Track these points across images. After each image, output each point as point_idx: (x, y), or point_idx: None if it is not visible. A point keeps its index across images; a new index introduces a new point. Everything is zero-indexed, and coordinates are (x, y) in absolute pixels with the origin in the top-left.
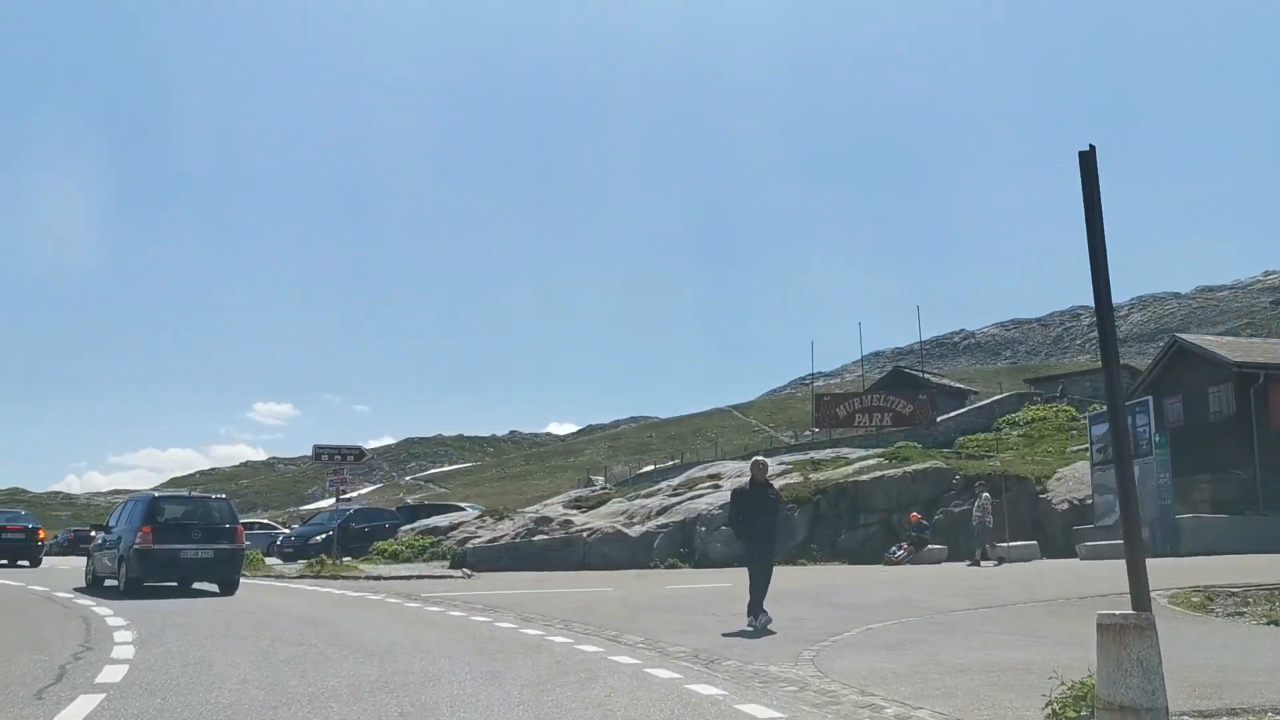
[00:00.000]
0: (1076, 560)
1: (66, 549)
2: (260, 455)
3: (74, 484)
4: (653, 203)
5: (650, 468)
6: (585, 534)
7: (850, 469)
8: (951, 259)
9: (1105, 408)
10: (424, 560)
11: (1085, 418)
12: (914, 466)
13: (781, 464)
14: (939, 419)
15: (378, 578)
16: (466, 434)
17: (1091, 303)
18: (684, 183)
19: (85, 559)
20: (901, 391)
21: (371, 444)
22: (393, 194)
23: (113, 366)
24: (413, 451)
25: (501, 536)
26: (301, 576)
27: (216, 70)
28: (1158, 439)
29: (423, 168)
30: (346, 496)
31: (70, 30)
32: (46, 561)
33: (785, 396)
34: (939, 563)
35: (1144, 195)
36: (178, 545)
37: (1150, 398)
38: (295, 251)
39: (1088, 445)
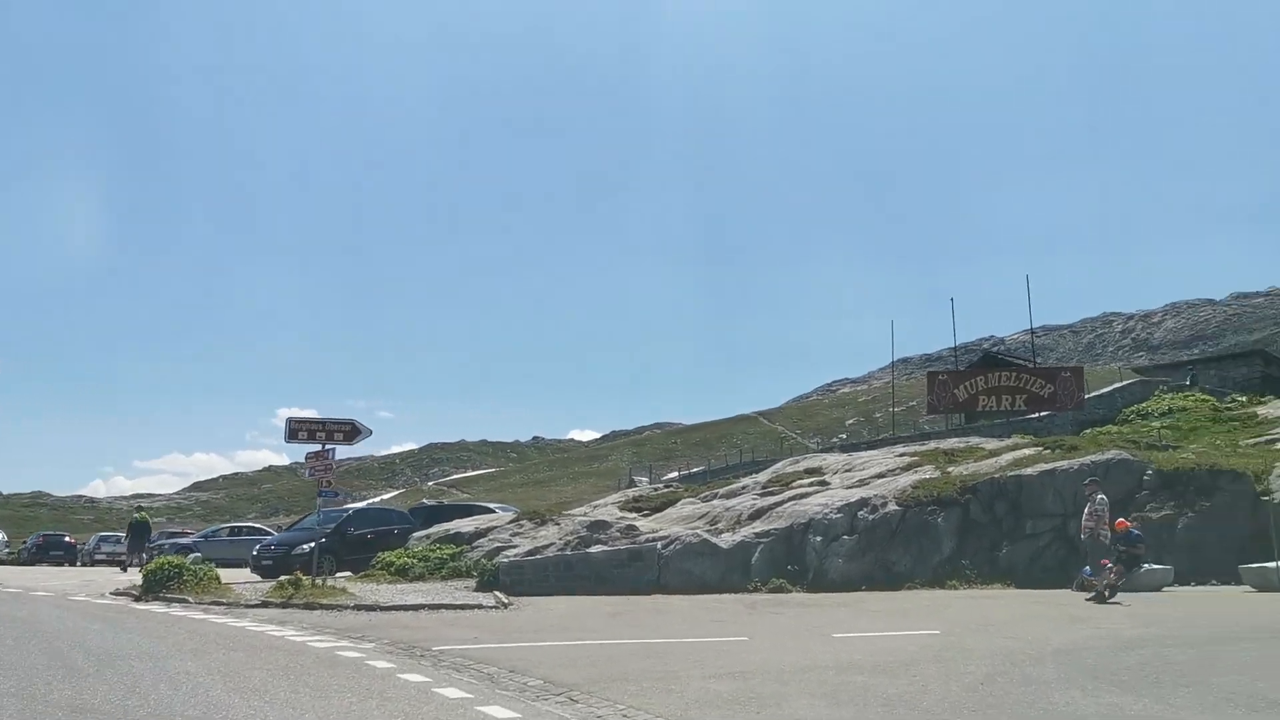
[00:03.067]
0: None
1: (36, 556)
2: (284, 460)
3: (100, 488)
4: (673, 207)
5: (675, 474)
6: (660, 544)
7: (1003, 460)
8: (973, 264)
9: None
10: (441, 577)
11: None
12: (1092, 457)
13: (902, 454)
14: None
15: (372, 607)
16: (490, 439)
17: (1125, 309)
18: (702, 187)
19: None
20: (1038, 369)
21: (394, 449)
22: (410, 197)
23: (139, 372)
24: (435, 457)
25: (546, 547)
26: (265, 604)
27: (213, 66)
28: None
29: (440, 169)
30: (330, 491)
31: (77, 29)
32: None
33: (812, 402)
34: (1159, 589)
35: (1179, 200)
36: None
37: None
38: (316, 255)
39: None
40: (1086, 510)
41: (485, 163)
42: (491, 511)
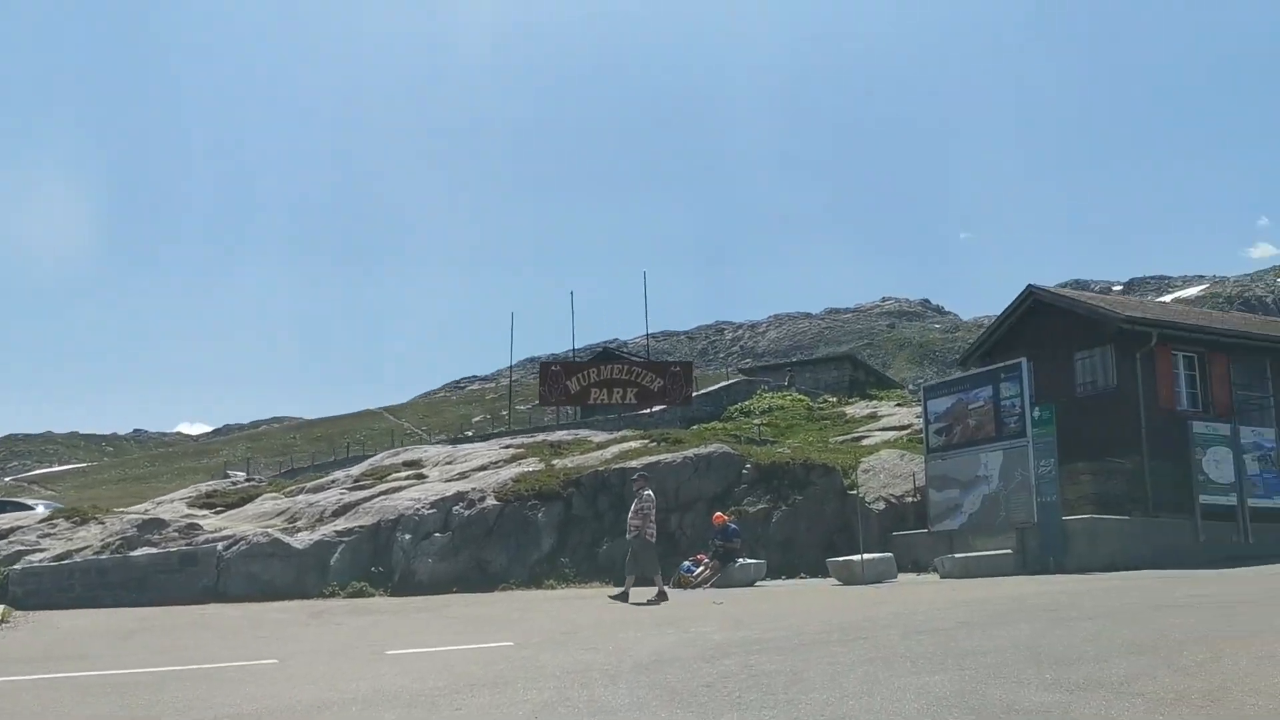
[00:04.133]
0: (926, 580)
1: None
2: None
3: None
4: (300, 195)
5: (278, 471)
6: (220, 545)
7: (608, 454)
8: (598, 269)
9: (925, 383)
10: None
11: (912, 391)
12: (694, 451)
13: (508, 447)
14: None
15: None
16: (82, 431)
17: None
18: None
19: None
20: (649, 363)
21: None
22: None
23: None
24: (16, 450)
25: (81, 549)
26: None
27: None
28: (1037, 414)
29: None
30: None
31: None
32: None
33: (440, 399)
34: (752, 583)
35: (780, 220)
36: None
37: (1024, 361)
38: None
39: (893, 430)
40: (633, 507)
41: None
42: (29, 509)
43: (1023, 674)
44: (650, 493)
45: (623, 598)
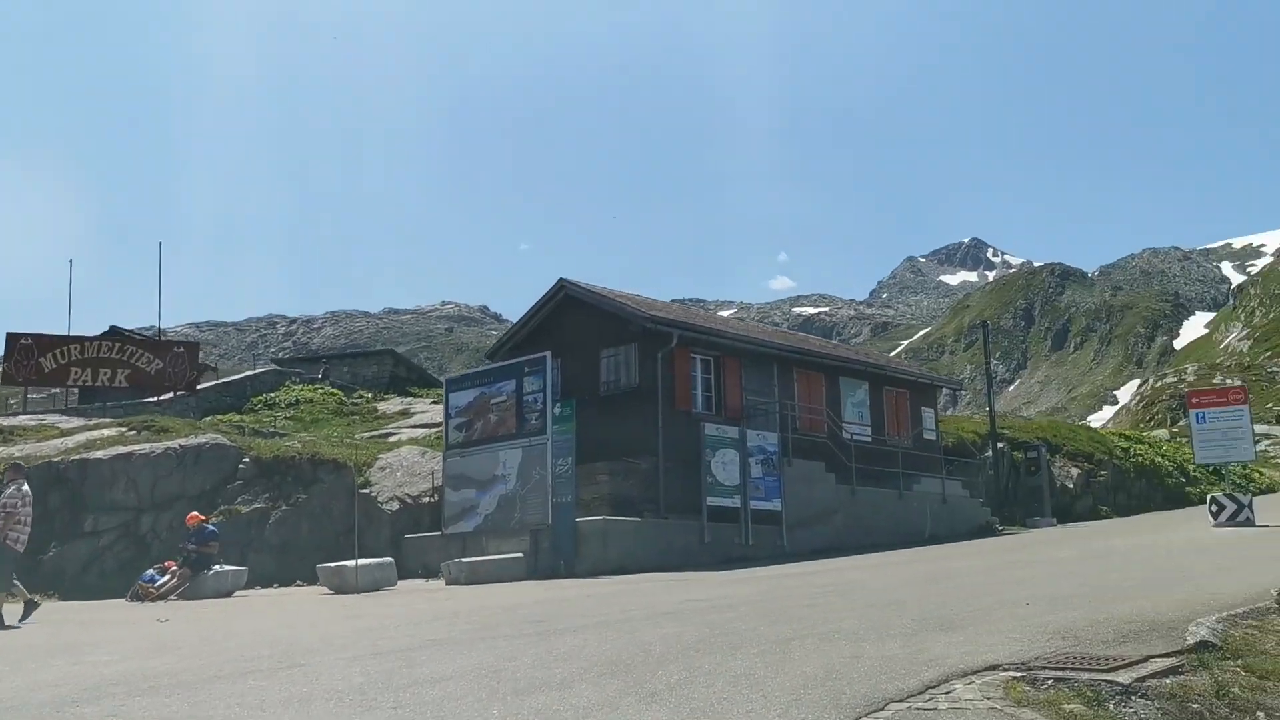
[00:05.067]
0: (430, 587)
1: None
2: None
3: None
4: None
5: None
6: None
7: (72, 442)
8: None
9: (462, 371)
10: None
11: (443, 382)
12: (181, 442)
13: None
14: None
15: None
16: None
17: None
18: None
19: None
20: (146, 341)
21: None
22: None
23: None
24: None
25: None
26: None
27: None
28: (559, 411)
29: None
30: None
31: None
32: None
33: None
34: (230, 593)
35: (349, 216)
36: None
37: (549, 354)
38: None
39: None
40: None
41: None
42: None
43: (467, 712)
44: (25, 488)
45: None
